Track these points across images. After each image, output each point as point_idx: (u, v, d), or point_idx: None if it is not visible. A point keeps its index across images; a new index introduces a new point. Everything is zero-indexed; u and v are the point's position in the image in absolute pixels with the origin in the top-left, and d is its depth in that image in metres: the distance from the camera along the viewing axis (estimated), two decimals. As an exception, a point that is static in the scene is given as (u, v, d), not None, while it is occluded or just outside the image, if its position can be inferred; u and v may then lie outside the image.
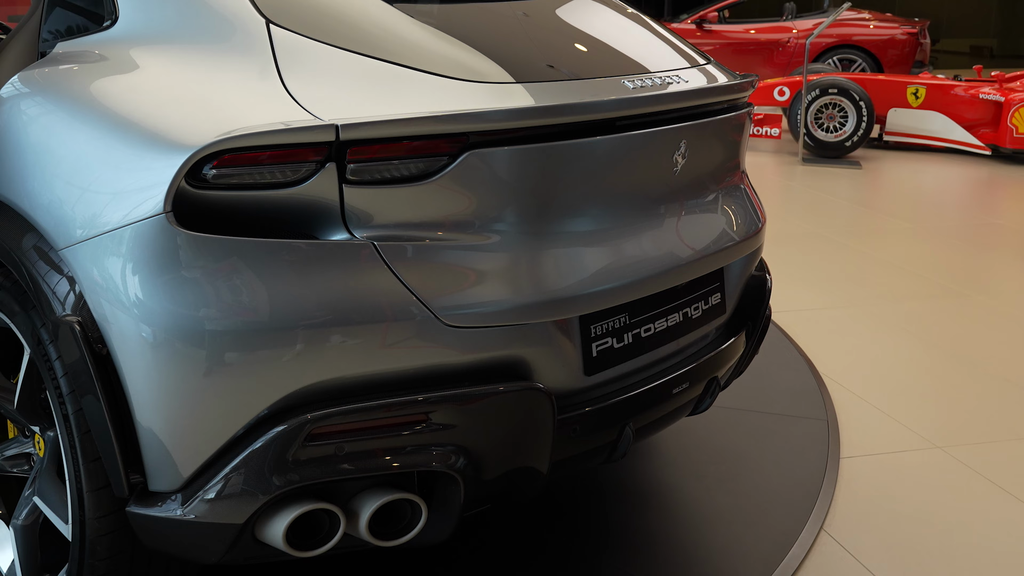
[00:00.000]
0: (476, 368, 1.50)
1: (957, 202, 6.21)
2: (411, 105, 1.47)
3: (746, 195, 2.08)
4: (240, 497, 1.39)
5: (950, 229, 5.28)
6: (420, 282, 1.45)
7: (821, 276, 4.28)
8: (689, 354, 1.89)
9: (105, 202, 1.45)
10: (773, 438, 2.64)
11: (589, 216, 1.64)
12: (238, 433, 1.40)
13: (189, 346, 1.37)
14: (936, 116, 7.31)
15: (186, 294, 1.37)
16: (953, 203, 6.16)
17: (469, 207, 1.50)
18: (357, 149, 1.41)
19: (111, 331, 1.42)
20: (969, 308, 3.86)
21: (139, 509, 1.44)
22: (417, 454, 1.45)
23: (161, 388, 1.38)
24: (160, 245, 1.37)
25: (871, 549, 2.14)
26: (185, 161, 1.36)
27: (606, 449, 1.73)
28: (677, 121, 1.75)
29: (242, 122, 1.40)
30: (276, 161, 1.39)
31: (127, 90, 1.57)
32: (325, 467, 1.41)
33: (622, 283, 1.66)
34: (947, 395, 3.03)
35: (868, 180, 6.66)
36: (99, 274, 1.43)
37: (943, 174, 6.87)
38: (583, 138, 1.59)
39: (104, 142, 1.50)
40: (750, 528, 2.20)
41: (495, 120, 1.49)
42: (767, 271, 2.18)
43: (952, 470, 2.53)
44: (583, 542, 2.11)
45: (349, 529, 1.46)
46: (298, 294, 1.39)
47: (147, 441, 1.42)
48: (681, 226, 1.82)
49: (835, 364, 3.20)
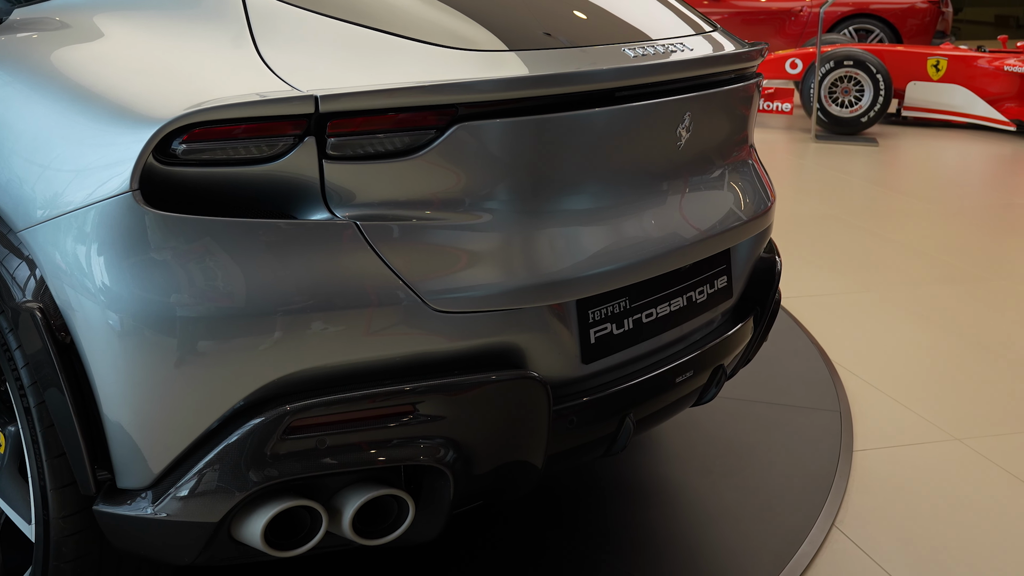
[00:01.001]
0: (466, 356, 1.50)
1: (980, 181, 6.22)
2: (396, 75, 1.47)
3: (755, 171, 2.08)
4: (215, 494, 1.39)
5: (972, 210, 5.29)
6: (406, 264, 1.44)
7: (834, 259, 4.29)
8: (693, 341, 1.89)
9: (67, 180, 1.44)
10: (782, 430, 2.65)
11: (587, 194, 1.63)
12: (212, 426, 1.40)
13: (159, 334, 1.36)
14: (958, 90, 7.31)
15: (155, 278, 1.36)
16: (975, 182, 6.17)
17: (458, 184, 1.50)
18: (338, 122, 1.41)
19: (75, 318, 1.41)
20: (991, 293, 3.88)
21: (107, 508, 1.44)
22: (404, 447, 1.45)
23: (129, 379, 1.38)
24: (127, 226, 1.36)
25: (886, 546, 2.16)
26: (153, 135, 1.36)
27: (605, 442, 1.73)
28: (681, 92, 1.75)
29: (214, 93, 1.39)
30: (250, 135, 1.38)
31: (90, 59, 1.56)
32: (306, 462, 1.41)
33: (622, 265, 1.66)
34: (967, 384, 3.04)
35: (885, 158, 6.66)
36: (62, 257, 1.42)
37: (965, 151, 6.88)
38: (580, 110, 1.59)
39: (66, 116, 1.49)
40: (758, 525, 2.21)
41: (486, 90, 1.49)
42: (777, 253, 2.18)
43: (972, 463, 2.54)
44: (580, 541, 2.12)
45: (331, 527, 1.47)
46: (275, 278, 1.39)
47: (115, 435, 1.41)
48: (685, 204, 1.82)
49: (848, 352, 3.21)
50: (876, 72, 7.15)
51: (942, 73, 7.38)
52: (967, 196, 5.69)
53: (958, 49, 7.51)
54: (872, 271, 4.12)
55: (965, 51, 7.42)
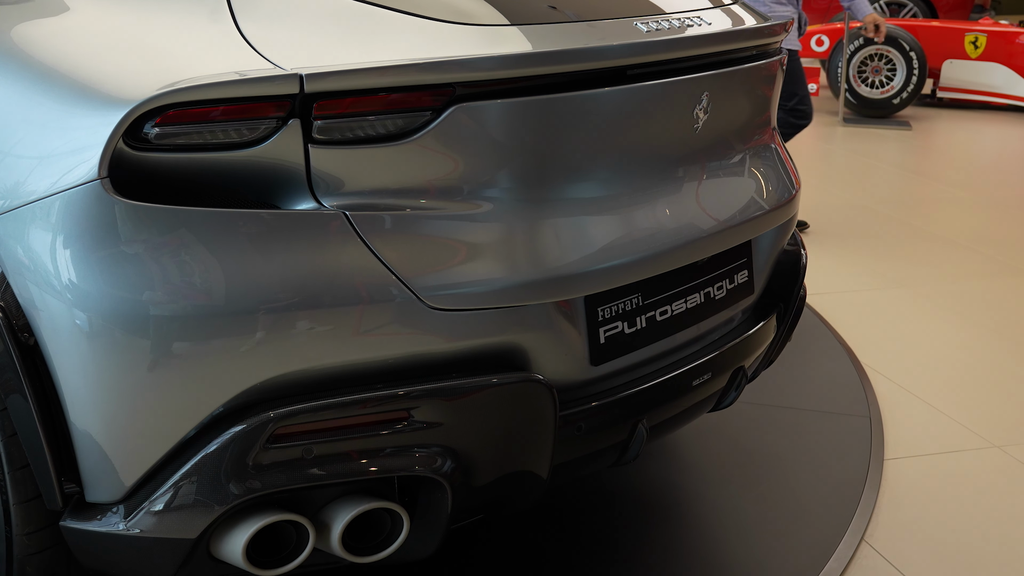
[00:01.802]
0: (465, 357, 1.49)
1: (1021, 168, 6.19)
2: (388, 51, 1.46)
3: (778, 156, 2.07)
4: (192, 509, 1.38)
5: (1012, 199, 5.27)
6: (400, 258, 1.43)
7: (864, 253, 4.28)
8: (711, 341, 1.89)
9: (30, 167, 1.43)
10: (808, 437, 2.64)
11: (596, 181, 1.62)
12: (189, 435, 1.39)
13: (130, 335, 1.35)
14: (998, 68, 7.28)
15: (126, 274, 1.35)
16: (1015, 169, 6.15)
17: (456, 170, 1.49)
18: (325, 103, 1.40)
19: (39, 318, 1.40)
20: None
21: (75, 523, 1.43)
22: (397, 457, 1.45)
23: (98, 384, 1.37)
24: (95, 216, 1.35)
25: (919, 563, 2.14)
26: (123, 118, 1.34)
27: (616, 450, 1.73)
28: (698, 70, 1.74)
29: (189, 72, 1.38)
30: (230, 117, 1.37)
31: (54, 35, 1.55)
32: (291, 473, 1.40)
33: (634, 258, 1.64)
34: (1006, 387, 3.03)
35: (919, 143, 6.64)
36: (24, 252, 1.41)
37: (1005, 135, 6.85)
38: (589, 90, 1.57)
39: (28, 97, 1.48)
40: (782, 539, 2.20)
41: (486, 68, 1.48)
42: (802, 245, 2.17)
43: (1011, 472, 2.53)
44: (588, 556, 2.11)
45: (319, 544, 1.46)
46: (258, 273, 1.38)
47: (83, 445, 1.40)
48: (702, 192, 1.80)
49: (879, 353, 3.19)
50: (909, 50, 7.12)
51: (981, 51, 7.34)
52: (1007, 184, 5.67)
53: (998, 24, 7.47)
54: (905, 265, 4.11)
55: (1006, 27, 7.39)
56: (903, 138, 6.70)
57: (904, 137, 6.73)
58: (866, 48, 7.19)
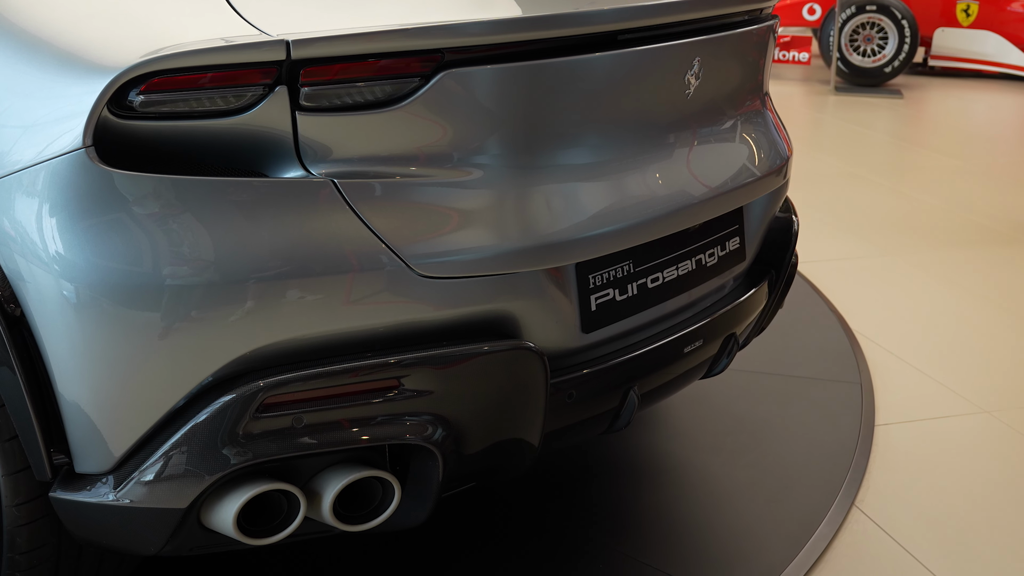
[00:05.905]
0: (456, 325, 1.48)
1: (1012, 136, 6.18)
2: (376, 17, 1.44)
3: (770, 123, 2.05)
4: (182, 478, 1.37)
5: (1003, 167, 5.26)
6: (389, 226, 1.42)
7: (855, 221, 4.27)
8: (703, 308, 1.88)
9: (14, 137, 1.41)
10: (799, 404, 2.64)
11: (587, 147, 1.61)
12: (179, 404, 1.38)
13: (118, 305, 1.34)
14: (990, 36, 7.24)
15: (113, 244, 1.34)
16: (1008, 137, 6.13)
17: (445, 137, 1.47)
18: (312, 69, 1.38)
19: (26, 289, 1.39)
20: (1023, 256, 3.86)
21: (64, 494, 1.43)
22: (388, 425, 1.44)
23: (86, 354, 1.36)
24: (80, 186, 1.33)
25: (909, 527, 2.16)
26: (107, 86, 1.32)
27: (607, 418, 1.72)
28: (689, 35, 1.72)
29: (174, 39, 1.36)
30: (216, 85, 1.35)
31: (38, 3, 1.52)
32: (281, 442, 1.40)
33: (625, 225, 1.63)
34: (996, 353, 3.04)
35: (910, 111, 6.61)
36: (9, 222, 1.40)
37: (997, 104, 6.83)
38: (579, 55, 1.56)
39: (10, 65, 1.45)
40: (773, 505, 2.21)
41: (475, 34, 1.46)
42: (794, 212, 2.17)
43: (1001, 437, 2.54)
44: (581, 524, 2.12)
45: (311, 512, 1.46)
46: (245, 242, 1.37)
47: (72, 416, 1.40)
48: (694, 159, 1.79)
49: (870, 320, 3.20)
50: (901, 18, 7.07)
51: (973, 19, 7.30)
52: (999, 152, 5.66)
53: (990, -8, 7.42)
54: (896, 233, 4.11)
55: (998, -6, 7.34)
56: (895, 107, 6.67)
57: (896, 106, 6.70)
58: (858, 16, 7.14)
